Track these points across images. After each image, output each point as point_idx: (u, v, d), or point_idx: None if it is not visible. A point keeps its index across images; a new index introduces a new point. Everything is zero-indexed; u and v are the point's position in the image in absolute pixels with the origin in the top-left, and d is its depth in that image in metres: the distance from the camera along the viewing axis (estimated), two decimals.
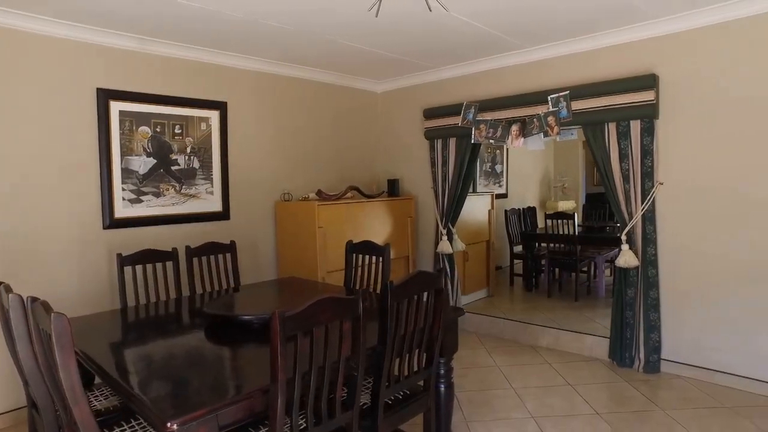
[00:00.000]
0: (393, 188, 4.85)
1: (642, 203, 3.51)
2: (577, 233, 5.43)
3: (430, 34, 3.60)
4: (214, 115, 3.97)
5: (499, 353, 4.02)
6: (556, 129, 3.79)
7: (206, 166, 3.96)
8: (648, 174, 3.49)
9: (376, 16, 2.46)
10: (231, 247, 3.51)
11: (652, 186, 3.49)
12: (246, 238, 4.25)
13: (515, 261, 6.17)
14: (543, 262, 5.87)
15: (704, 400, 3.12)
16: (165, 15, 3.08)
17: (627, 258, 3.54)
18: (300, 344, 1.59)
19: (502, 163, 6.95)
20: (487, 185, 6.62)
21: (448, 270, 4.63)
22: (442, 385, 2.47)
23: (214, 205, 4.03)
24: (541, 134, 3.87)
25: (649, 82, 3.42)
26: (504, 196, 6.94)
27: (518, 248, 6.15)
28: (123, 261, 2.98)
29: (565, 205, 7.72)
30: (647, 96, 3.42)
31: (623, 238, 3.58)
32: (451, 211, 4.56)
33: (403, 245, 4.77)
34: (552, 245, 5.68)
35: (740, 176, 3.24)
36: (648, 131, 3.46)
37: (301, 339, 1.59)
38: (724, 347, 3.34)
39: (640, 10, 3.22)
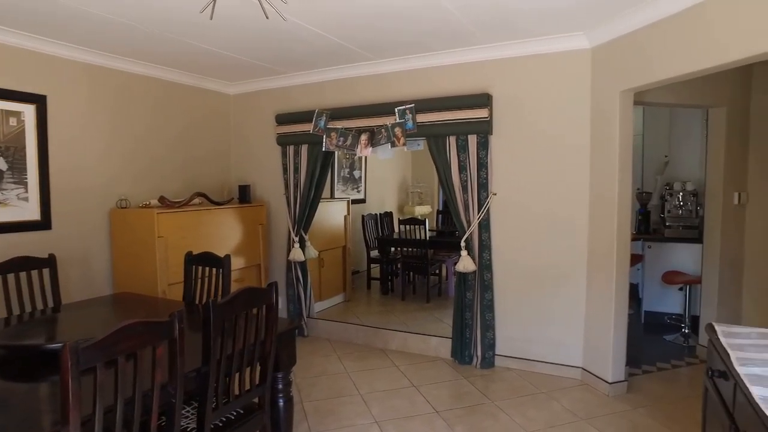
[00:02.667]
0: (244, 195, 4.67)
1: (478, 212, 3.81)
2: (428, 238, 5.73)
3: (278, 40, 3.53)
4: (28, 110, 3.46)
5: (350, 359, 4.07)
6: (402, 140, 3.95)
7: (18, 168, 3.43)
8: (483, 185, 3.80)
9: (211, 18, 2.33)
10: (50, 262, 3.09)
11: (487, 196, 3.80)
12: (74, 250, 3.78)
13: (372, 265, 6.33)
14: (398, 265, 6.11)
15: (526, 388, 3.48)
16: None
17: (465, 263, 3.82)
18: (104, 375, 1.43)
19: (360, 169, 7.09)
20: (346, 191, 6.71)
21: (301, 278, 4.59)
22: (281, 400, 2.41)
23: (30, 213, 3.51)
24: (389, 144, 4.01)
25: (483, 100, 3.72)
26: (362, 201, 7.09)
27: (375, 253, 6.32)
28: None
29: (421, 210, 8.12)
30: (482, 113, 3.71)
31: (462, 244, 3.85)
32: (303, 218, 4.53)
33: (254, 253, 4.62)
34: (406, 249, 5.93)
35: (545, 192, 3.69)
36: (483, 145, 3.77)
37: (105, 370, 1.43)
38: (537, 339, 3.77)
39: (475, 35, 3.50)
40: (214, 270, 3.05)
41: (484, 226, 3.83)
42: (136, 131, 4.21)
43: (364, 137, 4.11)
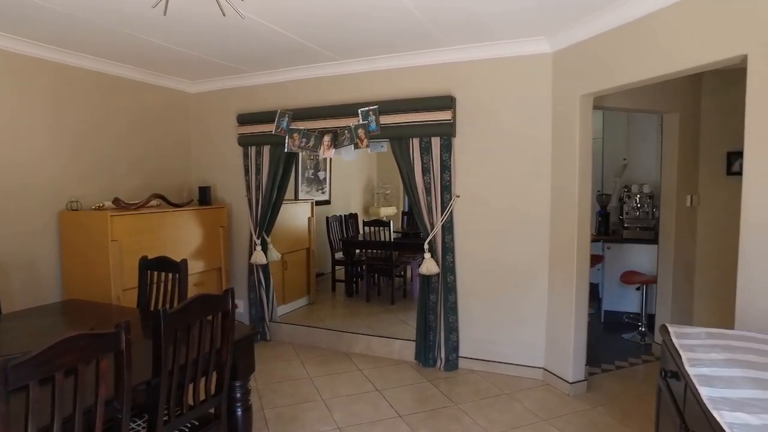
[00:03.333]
0: (204, 196, 4.54)
1: (442, 214, 3.81)
2: (393, 239, 5.71)
3: (237, 38, 3.44)
4: None
5: (313, 363, 4.01)
6: (365, 141, 3.92)
7: None
8: (447, 187, 3.80)
9: (164, 14, 2.24)
10: None
11: (450, 198, 3.80)
12: (17, 255, 3.57)
13: (337, 267, 6.27)
14: (363, 267, 6.07)
15: (490, 389, 3.50)
16: None
17: (429, 266, 3.81)
18: (38, 394, 1.33)
19: (325, 170, 7.02)
20: (310, 192, 6.63)
21: (263, 281, 4.50)
22: (239, 409, 2.34)
23: None
24: (352, 145, 3.97)
25: (446, 102, 3.72)
26: (327, 202, 7.02)
27: (340, 255, 6.26)
28: None
29: (386, 212, 8.11)
30: (446, 115, 3.71)
31: (426, 246, 3.84)
32: (265, 221, 4.43)
33: (215, 257, 4.50)
34: (370, 251, 5.90)
35: (507, 195, 3.73)
36: (446, 148, 3.76)
37: (39, 387, 1.34)
38: (500, 340, 3.80)
39: (439, 38, 3.49)
40: (170, 275, 2.94)
41: (448, 228, 3.83)
42: (88, 129, 4.02)
43: (327, 138, 4.06)
